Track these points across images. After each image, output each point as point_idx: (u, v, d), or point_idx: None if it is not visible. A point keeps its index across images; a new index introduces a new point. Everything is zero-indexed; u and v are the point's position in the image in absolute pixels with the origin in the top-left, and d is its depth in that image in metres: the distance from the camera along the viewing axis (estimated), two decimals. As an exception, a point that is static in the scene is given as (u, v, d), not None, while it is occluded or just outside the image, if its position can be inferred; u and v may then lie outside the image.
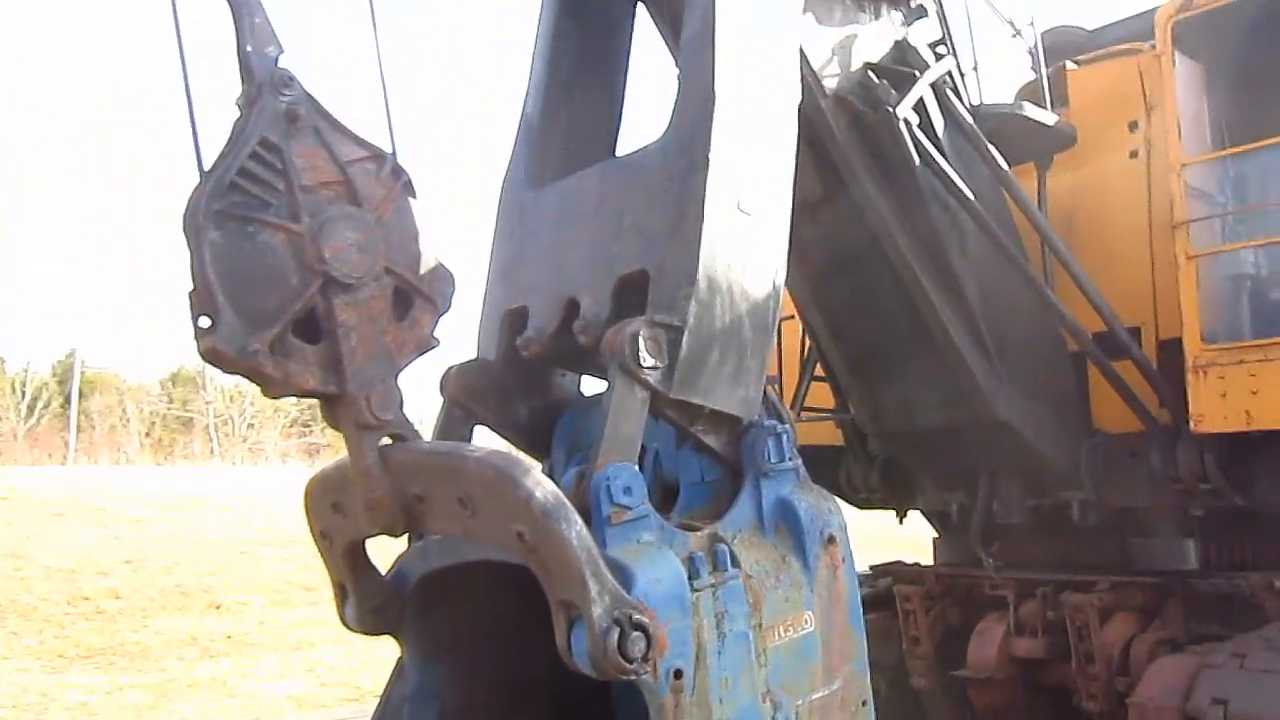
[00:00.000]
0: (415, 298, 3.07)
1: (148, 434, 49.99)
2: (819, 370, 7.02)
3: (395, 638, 3.48)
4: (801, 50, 4.51)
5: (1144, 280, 6.42)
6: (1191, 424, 5.75)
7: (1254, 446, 5.81)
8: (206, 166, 2.78)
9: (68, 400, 48.05)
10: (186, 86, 2.78)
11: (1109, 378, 6.01)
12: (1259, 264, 6.14)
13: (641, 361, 3.12)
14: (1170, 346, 6.12)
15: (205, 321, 2.65)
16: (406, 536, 3.35)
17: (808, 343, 7.10)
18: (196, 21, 2.88)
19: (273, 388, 2.80)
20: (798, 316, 6.61)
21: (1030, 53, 7.04)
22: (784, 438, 3.46)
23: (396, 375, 3.02)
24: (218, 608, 16.43)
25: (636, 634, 2.70)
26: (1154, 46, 6.44)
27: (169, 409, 53.84)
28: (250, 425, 52.39)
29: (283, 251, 2.78)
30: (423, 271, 3.11)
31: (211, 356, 2.67)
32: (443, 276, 3.13)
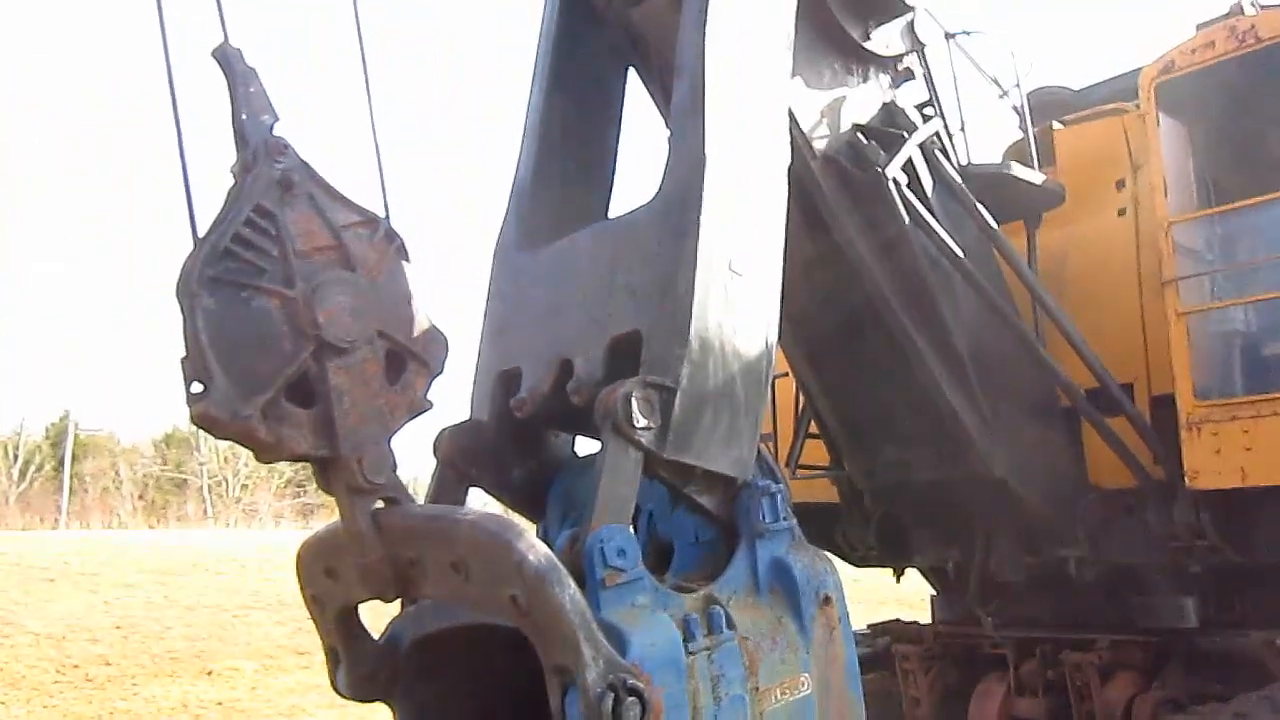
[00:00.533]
0: (408, 360, 3.08)
1: (141, 496, 49.73)
2: (814, 427, 7.02)
3: (388, 704, 3.43)
4: (791, 112, 4.58)
5: (1135, 336, 6.45)
6: (1186, 480, 5.75)
7: (1250, 502, 5.80)
8: (200, 232, 2.80)
9: (61, 463, 47.84)
10: (182, 155, 2.82)
11: (1103, 434, 6.01)
12: (1249, 320, 6.18)
13: (634, 422, 3.12)
14: (1163, 402, 6.13)
15: (197, 387, 2.66)
16: (399, 600, 3.33)
17: (802, 400, 7.11)
18: (193, 83, 2.93)
19: (265, 452, 2.80)
20: (791, 374, 6.62)
21: (1017, 111, 7.15)
22: (778, 497, 3.45)
23: (389, 438, 3.02)
24: (209, 674, 16.19)
25: (631, 699, 2.67)
26: (1139, 106, 6.55)
27: (163, 470, 53.60)
28: (244, 486, 52.14)
29: (276, 316, 2.79)
30: (415, 334, 3.13)
31: (204, 422, 2.67)
32: (436, 339, 3.15)
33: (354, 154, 3.29)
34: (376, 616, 3.29)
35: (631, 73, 4.90)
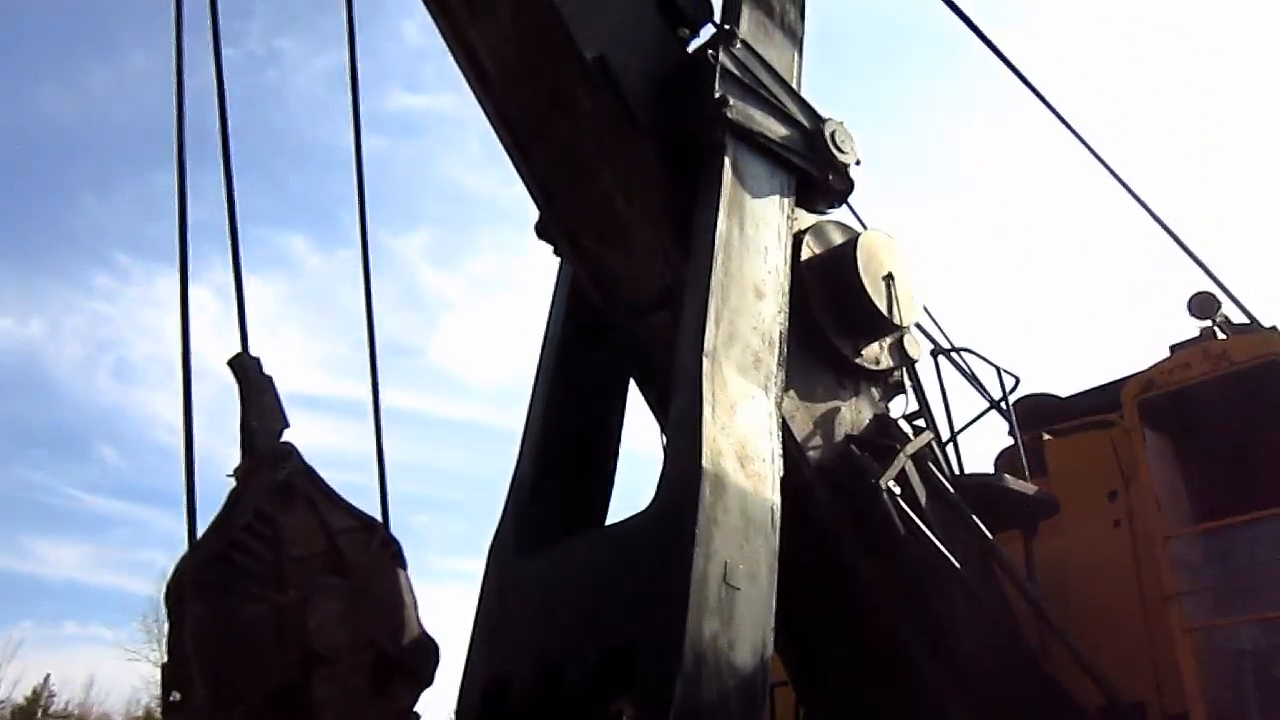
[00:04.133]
0: (396, 670, 3.02)
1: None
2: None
3: None
4: (785, 424, 4.72)
5: (1143, 652, 6.27)
6: (1213, 814, 5.42)
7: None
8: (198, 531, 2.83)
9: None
10: (189, 457, 2.89)
11: (1122, 762, 5.73)
12: (1259, 638, 6.04)
13: None
14: (1179, 723, 5.89)
15: (176, 696, 2.60)
16: None
17: (802, 711, 6.83)
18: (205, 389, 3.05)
19: (238, 770, 2.68)
20: (790, 683, 6.40)
21: (1005, 417, 7.31)
22: (775, 829, 3.27)
23: (370, 755, 2.90)
24: None
25: None
26: (1123, 416, 6.73)
27: (128, 769, 50.54)
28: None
29: (265, 624, 2.77)
30: (405, 642, 3.09)
31: (177, 736, 2.59)
32: (426, 649, 3.10)
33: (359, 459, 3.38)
34: None
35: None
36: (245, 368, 3.11)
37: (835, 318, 5.46)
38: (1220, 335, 6.44)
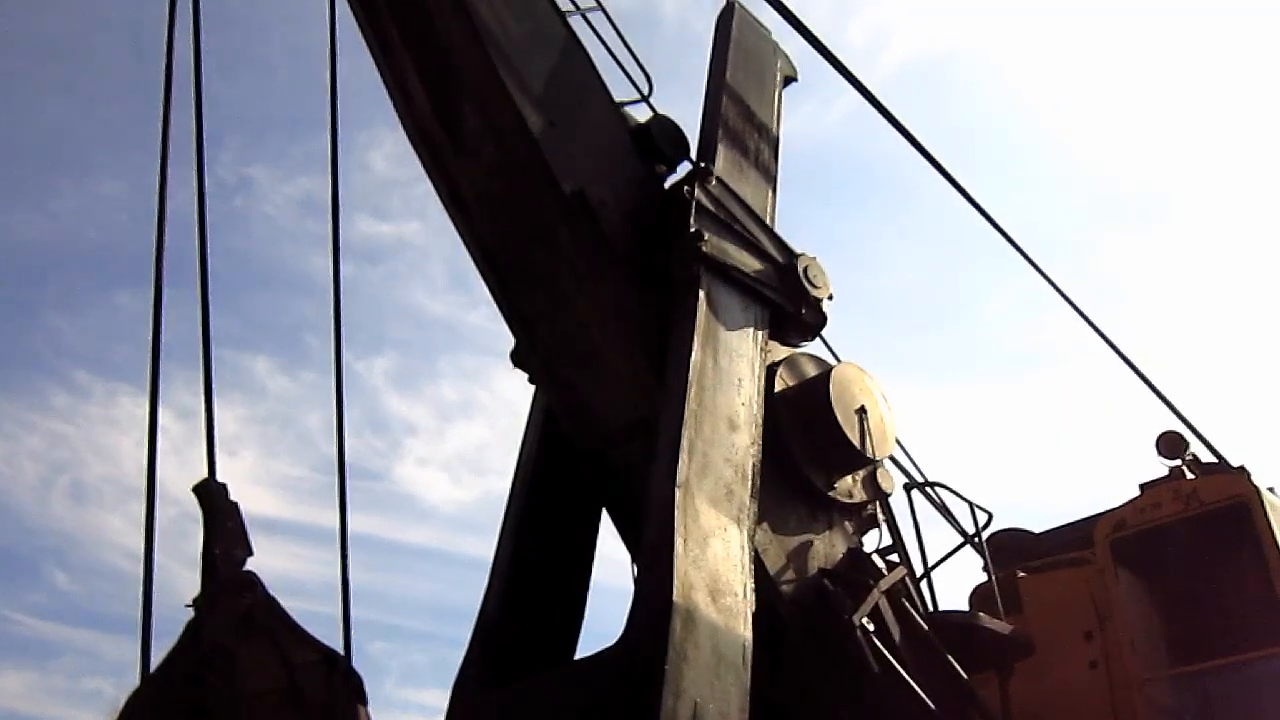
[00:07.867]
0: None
1: None
2: None
3: None
4: (758, 557, 4.67)
5: None
6: None
7: None
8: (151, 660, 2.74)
9: None
10: (148, 584, 2.82)
11: None
12: None
13: None
14: None
15: None
16: None
17: None
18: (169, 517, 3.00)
19: None
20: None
21: (979, 552, 7.26)
22: None
23: None
24: None
25: None
26: (1095, 553, 6.71)
27: None
28: None
29: None
30: (365, 785, 2.97)
31: None
32: None
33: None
34: None
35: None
36: (212, 494, 3.06)
37: (808, 450, 5.44)
38: (1189, 475, 6.49)
